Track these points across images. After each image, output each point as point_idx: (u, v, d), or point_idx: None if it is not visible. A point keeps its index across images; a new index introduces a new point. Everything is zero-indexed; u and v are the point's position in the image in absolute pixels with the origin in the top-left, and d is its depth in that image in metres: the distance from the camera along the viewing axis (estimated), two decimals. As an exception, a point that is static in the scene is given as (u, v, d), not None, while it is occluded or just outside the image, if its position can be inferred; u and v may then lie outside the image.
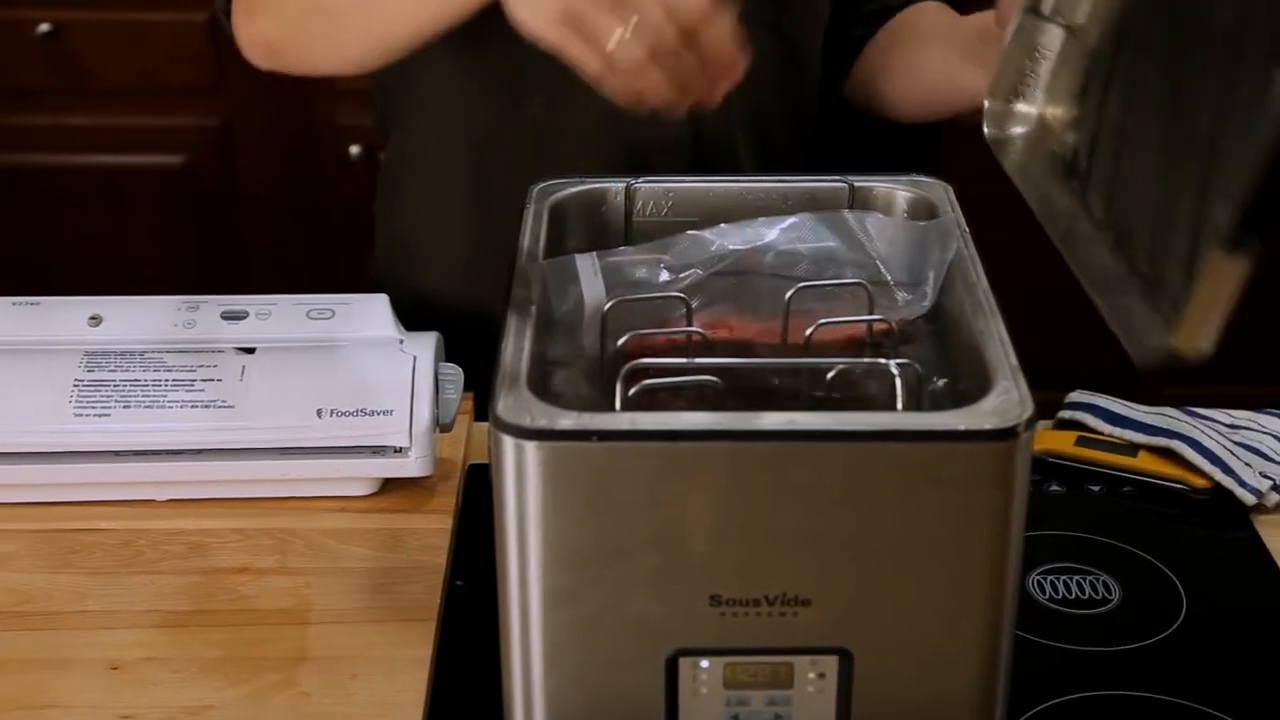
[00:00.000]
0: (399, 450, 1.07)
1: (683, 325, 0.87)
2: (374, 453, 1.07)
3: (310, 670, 0.93)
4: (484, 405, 0.76)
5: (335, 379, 1.07)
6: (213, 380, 1.07)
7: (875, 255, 0.91)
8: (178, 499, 1.08)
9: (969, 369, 0.80)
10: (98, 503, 1.07)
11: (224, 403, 1.06)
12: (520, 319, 0.81)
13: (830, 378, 0.82)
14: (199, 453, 1.06)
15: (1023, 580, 1.02)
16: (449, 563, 1.03)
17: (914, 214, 0.94)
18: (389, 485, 1.10)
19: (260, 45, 1.14)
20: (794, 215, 0.92)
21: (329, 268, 2.27)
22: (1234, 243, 0.66)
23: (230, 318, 1.12)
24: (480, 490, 1.07)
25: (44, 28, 2.21)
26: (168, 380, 1.07)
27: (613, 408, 0.78)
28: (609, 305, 0.86)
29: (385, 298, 1.14)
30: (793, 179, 0.97)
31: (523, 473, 0.73)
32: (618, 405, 0.78)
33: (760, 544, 0.75)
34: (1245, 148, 0.66)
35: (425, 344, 1.10)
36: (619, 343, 0.84)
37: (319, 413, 1.06)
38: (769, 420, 0.73)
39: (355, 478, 1.08)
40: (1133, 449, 1.15)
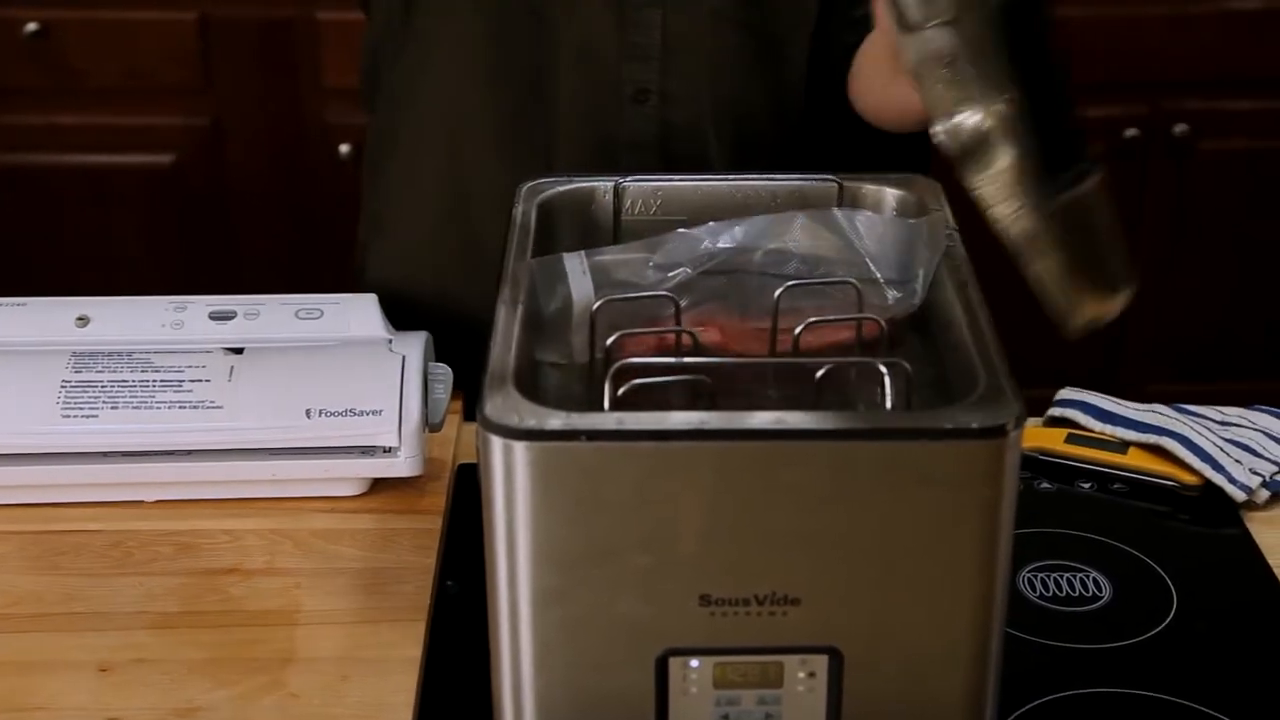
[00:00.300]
0: (388, 450, 1.06)
1: (672, 324, 0.87)
2: (363, 453, 1.07)
3: (300, 671, 0.93)
4: (473, 405, 0.76)
5: (324, 379, 1.07)
6: (201, 381, 1.07)
7: (864, 253, 0.91)
8: (166, 500, 1.08)
9: (958, 367, 0.80)
10: (86, 504, 1.07)
11: (212, 403, 1.06)
12: (508, 318, 0.81)
13: (819, 377, 0.82)
14: (187, 453, 1.06)
15: (1013, 578, 1.02)
16: (439, 563, 1.03)
17: (903, 212, 0.94)
18: (378, 485, 1.09)
19: None
20: (783, 213, 0.92)
21: (318, 267, 2.27)
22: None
23: (218, 318, 1.12)
24: (470, 490, 1.07)
25: (32, 27, 2.20)
26: (156, 381, 1.07)
27: (601, 407, 0.78)
28: (598, 305, 0.86)
29: (374, 297, 1.14)
30: (781, 177, 0.97)
31: (511, 473, 0.73)
32: (606, 405, 0.78)
33: (750, 543, 0.74)
34: None
35: (414, 344, 1.10)
36: (607, 342, 0.84)
37: (308, 413, 1.06)
38: (758, 419, 0.73)
39: (344, 478, 1.08)
40: (1123, 446, 1.15)
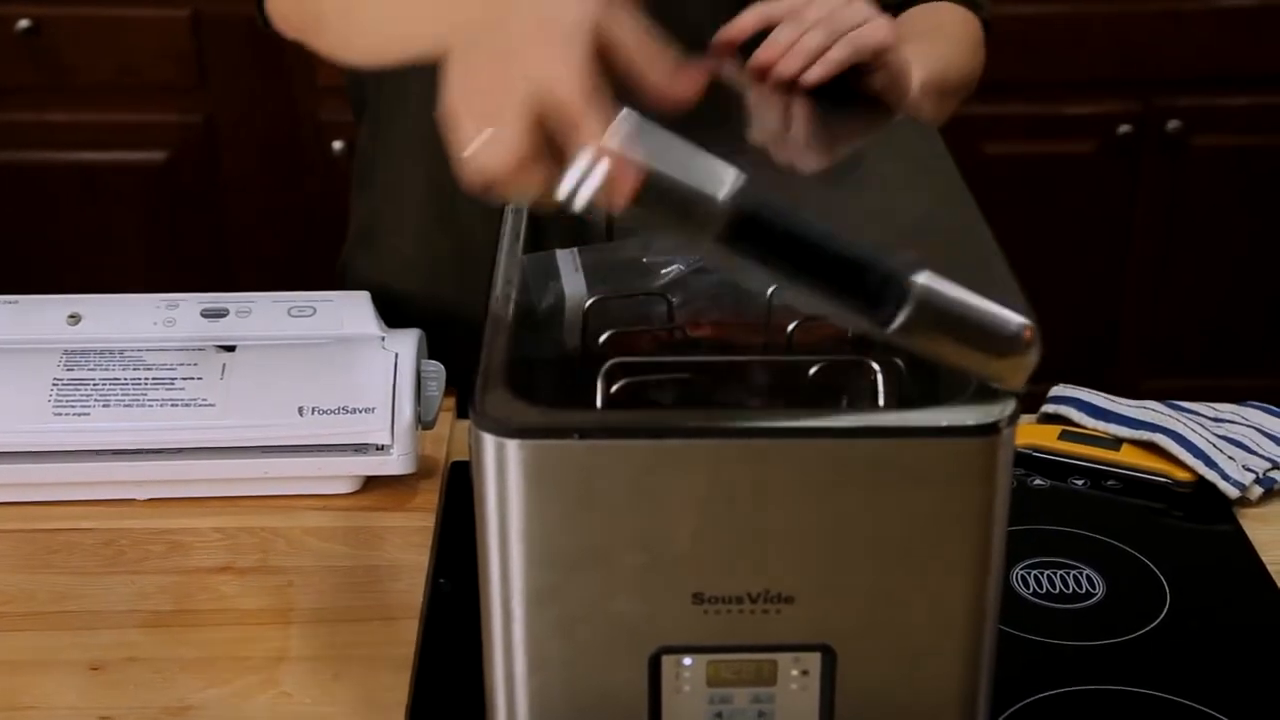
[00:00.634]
0: (381, 448, 1.06)
1: (664, 322, 0.87)
2: (356, 451, 1.07)
3: (292, 670, 0.93)
4: (466, 402, 0.75)
5: (316, 377, 1.07)
6: (193, 379, 1.06)
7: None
8: (158, 498, 1.08)
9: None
10: (78, 502, 1.07)
11: (205, 401, 1.06)
12: (501, 316, 0.81)
13: (812, 374, 0.82)
14: (179, 451, 1.06)
15: (1006, 575, 1.02)
16: (432, 561, 1.03)
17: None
18: (371, 483, 1.09)
19: (281, 20, 1.12)
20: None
21: (311, 265, 2.26)
22: None
23: (211, 316, 1.12)
24: (463, 488, 1.07)
25: (24, 24, 2.20)
26: (148, 379, 1.06)
27: (594, 405, 0.78)
28: (590, 302, 0.85)
29: (367, 295, 1.14)
30: None
31: (504, 471, 0.73)
32: (599, 403, 0.78)
33: (743, 541, 0.74)
34: None
35: (407, 341, 1.10)
36: (600, 340, 0.84)
37: (300, 411, 1.05)
38: (751, 417, 0.73)
39: (337, 476, 1.08)
40: (1116, 443, 1.15)
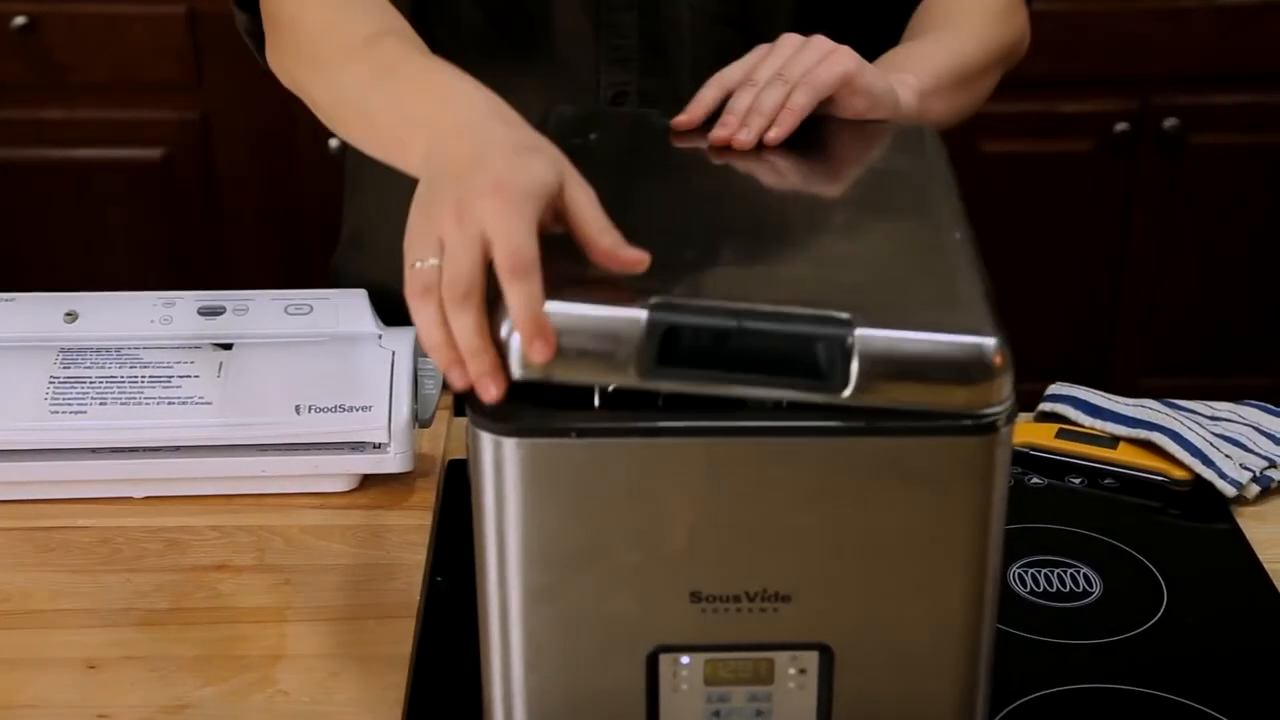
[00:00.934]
0: (378, 446, 1.06)
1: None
2: (353, 449, 1.06)
3: (289, 668, 0.93)
4: (463, 401, 0.75)
5: (313, 375, 1.07)
6: (190, 377, 1.06)
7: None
8: (155, 496, 1.07)
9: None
10: (75, 500, 1.07)
11: (201, 399, 1.05)
12: (498, 315, 0.81)
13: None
14: (176, 450, 1.06)
15: (1004, 574, 1.02)
16: (429, 559, 1.03)
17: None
18: (368, 481, 1.09)
19: (277, 73, 1.12)
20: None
21: (307, 263, 2.26)
22: None
23: (207, 313, 1.11)
24: (460, 486, 1.07)
25: (19, 20, 2.19)
26: (144, 377, 1.06)
27: (591, 404, 0.78)
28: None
29: (364, 293, 1.14)
30: None
31: (501, 469, 0.73)
32: (596, 402, 0.78)
33: (740, 540, 0.74)
34: None
35: (404, 339, 1.09)
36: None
37: (297, 409, 1.05)
38: (748, 416, 0.73)
39: (334, 474, 1.08)
40: (1113, 441, 1.15)
